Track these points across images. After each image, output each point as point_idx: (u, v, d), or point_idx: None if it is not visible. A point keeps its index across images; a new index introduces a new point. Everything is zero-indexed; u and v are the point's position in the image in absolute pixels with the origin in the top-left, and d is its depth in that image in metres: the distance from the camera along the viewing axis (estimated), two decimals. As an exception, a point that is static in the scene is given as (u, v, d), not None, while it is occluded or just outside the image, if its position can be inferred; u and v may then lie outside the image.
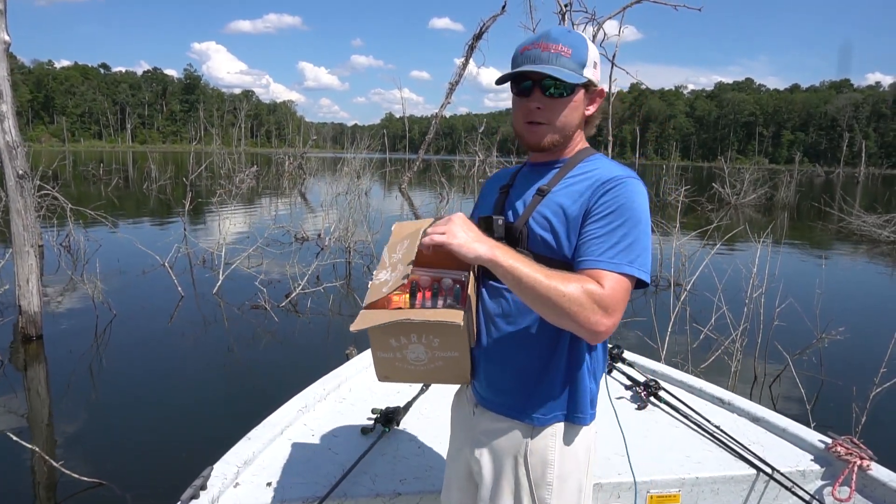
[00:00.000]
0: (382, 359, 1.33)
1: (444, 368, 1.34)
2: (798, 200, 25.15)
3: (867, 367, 4.69)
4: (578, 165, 1.34)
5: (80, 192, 19.63)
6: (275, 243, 9.53)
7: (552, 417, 1.34)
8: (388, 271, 1.33)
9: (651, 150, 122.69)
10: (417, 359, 1.31)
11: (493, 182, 1.55)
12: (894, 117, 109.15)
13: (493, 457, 1.39)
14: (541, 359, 1.33)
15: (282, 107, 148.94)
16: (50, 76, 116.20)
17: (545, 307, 1.17)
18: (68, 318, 6.20)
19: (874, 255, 12.47)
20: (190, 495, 1.78)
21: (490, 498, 1.39)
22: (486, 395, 1.40)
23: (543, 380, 1.33)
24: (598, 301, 1.15)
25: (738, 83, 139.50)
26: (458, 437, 1.54)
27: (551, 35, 1.29)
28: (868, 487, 2.06)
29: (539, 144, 1.33)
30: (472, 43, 20.03)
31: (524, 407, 1.34)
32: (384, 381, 1.40)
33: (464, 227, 1.19)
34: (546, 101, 1.28)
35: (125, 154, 62.75)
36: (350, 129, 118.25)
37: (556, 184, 1.33)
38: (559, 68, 1.25)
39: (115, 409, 4.23)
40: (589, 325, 1.15)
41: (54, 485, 3.25)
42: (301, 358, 5.42)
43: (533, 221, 1.32)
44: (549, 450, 1.34)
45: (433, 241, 1.18)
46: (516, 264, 1.16)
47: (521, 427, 1.35)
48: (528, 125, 1.32)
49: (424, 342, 1.28)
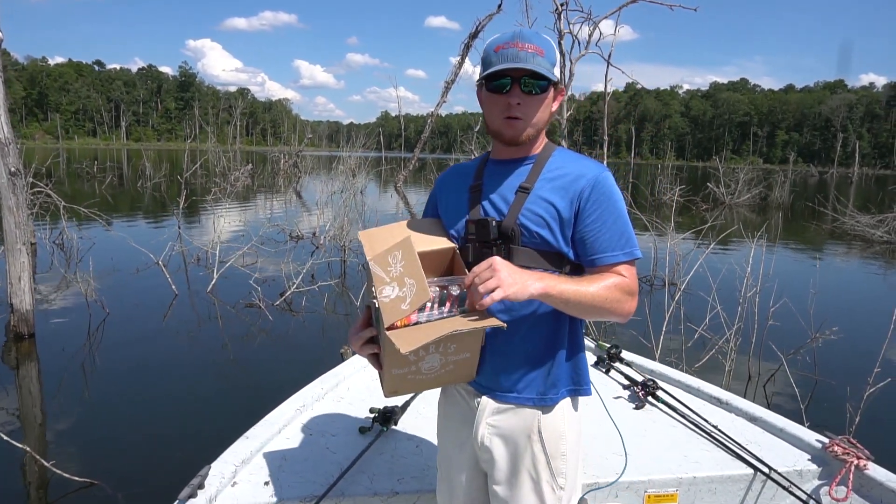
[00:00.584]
0: (396, 375, 1.33)
1: (453, 371, 1.37)
2: (792, 200, 25.26)
3: (861, 366, 4.71)
4: (550, 160, 1.41)
5: (73, 190, 19.53)
6: (270, 242, 9.50)
7: (560, 394, 1.44)
8: (395, 287, 1.30)
9: (646, 149, 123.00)
10: (430, 368, 1.32)
11: (453, 180, 1.56)
12: (888, 118, 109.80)
13: (506, 440, 1.44)
14: (547, 341, 1.41)
15: (277, 105, 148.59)
16: (44, 73, 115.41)
17: (591, 312, 1.35)
18: (61, 316, 6.16)
19: (868, 255, 12.54)
20: (188, 494, 1.78)
21: (507, 479, 1.45)
22: (494, 385, 1.45)
23: (552, 361, 1.42)
24: (628, 290, 1.34)
25: (733, 83, 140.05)
26: (455, 431, 1.56)
27: (524, 35, 1.34)
28: (865, 487, 2.06)
29: (517, 139, 1.38)
30: (468, 42, 20.05)
31: (537, 389, 1.42)
32: (391, 395, 1.41)
33: (509, 271, 1.23)
34: (524, 97, 1.34)
35: (119, 152, 62.59)
36: (346, 127, 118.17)
37: (535, 180, 1.39)
38: (539, 66, 1.31)
39: (107, 409, 4.21)
40: (626, 312, 1.35)
41: (46, 485, 3.22)
42: (296, 357, 5.40)
43: (524, 219, 1.36)
44: (560, 423, 1.44)
45: (494, 300, 1.20)
46: (563, 287, 1.28)
47: (532, 408, 1.43)
48: (506, 120, 1.36)
49: (441, 350, 1.29)
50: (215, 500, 1.85)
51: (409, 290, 1.27)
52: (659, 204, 18.22)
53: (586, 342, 3.25)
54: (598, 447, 2.21)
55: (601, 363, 3.02)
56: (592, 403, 2.42)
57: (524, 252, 1.36)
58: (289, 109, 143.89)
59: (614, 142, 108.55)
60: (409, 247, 1.34)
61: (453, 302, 1.33)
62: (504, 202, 1.41)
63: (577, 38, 14.14)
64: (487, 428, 1.45)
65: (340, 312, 6.67)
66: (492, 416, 1.45)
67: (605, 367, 2.99)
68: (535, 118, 1.37)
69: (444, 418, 1.62)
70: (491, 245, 1.37)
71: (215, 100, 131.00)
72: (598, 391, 2.74)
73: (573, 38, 14.23)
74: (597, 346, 3.20)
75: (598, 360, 3.05)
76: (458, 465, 1.56)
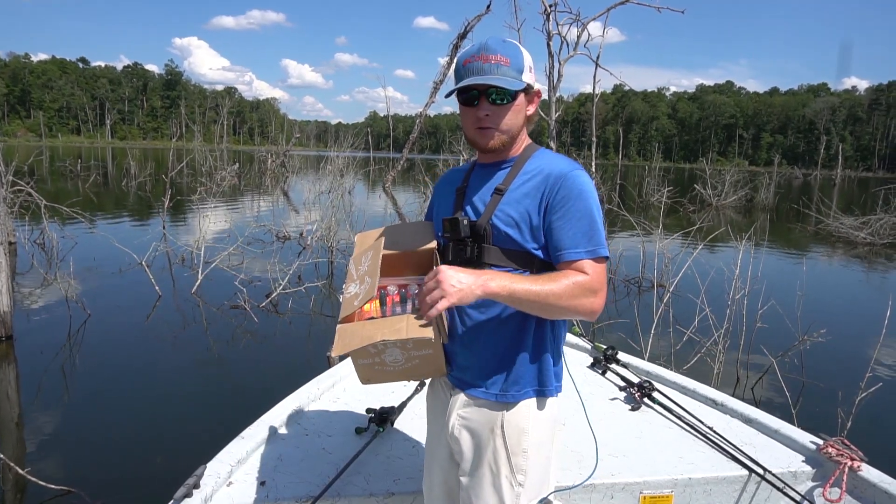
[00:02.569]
0: (363, 365, 1.40)
1: (421, 365, 1.41)
2: (777, 202, 25.50)
3: (848, 368, 4.74)
4: (528, 162, 1.46)
5: (56, 189, 19.26)
6: (256, 242, 9.40)
7: (524, 392, 1.46)
8: (357, 284, 1.42)
9: (634, 151, 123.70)
10: (395, 360, 1.38)
11: (446, 184, 1.64)
12: (870, 121, 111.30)
13: (472, 433, 1.49)
14: (512, 340, 1.45)
15: (265, 104, 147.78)
16: (27, 70, 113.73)
17: (549, 310, 1.34)
18: (40, 318, 6.04)
19: (852, 256, 12.67)
20: (183, 494, 1.78)
21: (470, 470, 1.49)
22: (464, 378, 1.50)
23: (515, 359, 1.45)
24: (587, 288, 1.33)
25: (719, 86, 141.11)
26: (437, 423, 1.62)
27: (489, 47, 1.38)
28: (858, 488, 2.07)
29: (489, 146, 1.44)
30: (457, 42, 20.02)
31: (499, 385, 1.46)
32: (367, 383, 1.48)
33: (454, 279, 1.25)
34: (492, 108, 1.40)
35: (104, 150, 61.90)
36: (334, 127, 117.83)
37: (510, 182, 1.45)
38: (501, 77, 1.36)
39: (87, 413, 4.11)
40: (585, 309, 1.33)
41: (22, 493, 3.13)
42: (282, 360, 5.32)
43: (496, 219, 1.42)
44: (522, 420, 1.47)
45: (439, 310, 1.24)
46: (515, 287, 1.29)
47: (496, 404, 1.46)
48: (478, 130, 1.43)
49: (399, 346, 1.34)
50: (211, 500, 1.85)
51: (364, 287, 1.38)
52: (646, 205, 18.31)
53: (583, 343, 3.26)
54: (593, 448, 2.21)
55: (597, 365, 3.04)
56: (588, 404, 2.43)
57: (493, 251, 1.42)
58: (276, 109, 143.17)
59: (602, 143, 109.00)
60: (378, 248, 1.45)
61: (412, 298, 1.43)
62: (482, 203, 1.47)
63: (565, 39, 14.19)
64: (458, 419, 1.50)
65: (327, 314, 6.60)
66: (462, 408, 1.50)
67: (601, 368, 3.01)
68: (505, 126, 1.42)
69: (429, 410, 1.69)
70: (464, 243, 1.44)
71: (202, 98, 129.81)
72: (595, 392, 2.77)
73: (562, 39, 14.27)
74: (593, 348, 3.22)
75: (595, 362, 3.07)
76: (437, 456, 1.62)
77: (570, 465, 2.13)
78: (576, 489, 2.03)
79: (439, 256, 1.51)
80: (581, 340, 3.32)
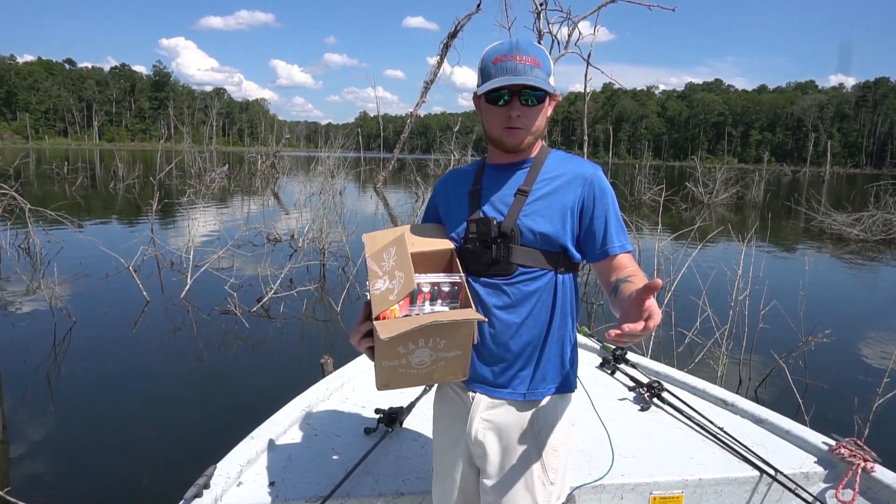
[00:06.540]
0: (387, 367, 1.35)
1: (444, 368, 1.38)
2: (768, 199, 25.58)
3: (852, 368, 4.67)
4: (546, 163, 1.49)
5: (43, 191, 18.98)
6: (246, 245, 9.25)
7: (549, 389, 1.49)
8: (386, 280, 1.37)
9: (624, 149, 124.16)
10: (421, 363, 1.35)
11: (452, 186, 1.62)
12: (857, 118, 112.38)
13: (499, 435, 1.48)
14: (539, 339, 1.47)
15: (254, 105, 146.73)
16: (12, 71, 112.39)
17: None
18: (24, 325, 5.87)
19: (845, 253, 12.67)
20: (193, 494, 1.78)
21: (497, 473, 1.48)
22: (486, 380, 1.49)
23: (541, 357, 1.48)
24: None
25: (707, 84, 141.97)
26: (452, 429, 1.58)
27: (521, 47, 1.40)
28: (872, 490, 2.05)
29: (518, 146, 1.45)
30: (446, 41, 19.91)
31: (526, 384, 1.48)
32: (384, 389, 1.42)
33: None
34: (524, 109, 1.41)
35: (92, 152, 61.29)
36: (324, 127, 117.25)
37: (532, 182, 1.46)
38: (537, 79, 1.38)
39: (73, 424, 3.97)
40: None
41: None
42: (274, 366, 5.19)
43: (525, 219, 1.43)
44: (551, 417, 1.49)
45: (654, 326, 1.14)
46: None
47: (524, 403, 1.48)
48: (507, 130, 1.43)
49: (431, 345, 1.32)
50: (221, 500, 1.86)
51: (398, 282, 1.34)
52: (638, 203, 18.29)
53: (591, 343, 3.23)
54: (603, 448, 2.20)
55: (607, 364, 3.01)
56: (597, 404, 2.44)
57: (523, 251, 1.44)
58: (266, 109, 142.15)
59: (592, 142, 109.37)
60: (402, 243, 1.43)
61: (444, 298, 1.42)
62: (504, 204, 1.47)
63: (556, 37, 14.12)
64: (481, 423, 1.49)
65: (320, 318, 6.47)
66: (486, 410, 1.49)
67: (610, 368, 2.98)
68: (534, 127, 1.44)
69: (438, 416, 1.66)
70: (490, 244, 1.43)
71: (191, 99, 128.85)
72: (604, 392, 2.76)
73: (552, 38, 14.21)
74: (602, 348, 3.19)
75: (604, 362, 3.03)
76: (452, 462, 1.59)
77: (580, 465, 2.11)
78: (585, 488, 2.01)
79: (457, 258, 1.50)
80: (590, 340, 3.28)
